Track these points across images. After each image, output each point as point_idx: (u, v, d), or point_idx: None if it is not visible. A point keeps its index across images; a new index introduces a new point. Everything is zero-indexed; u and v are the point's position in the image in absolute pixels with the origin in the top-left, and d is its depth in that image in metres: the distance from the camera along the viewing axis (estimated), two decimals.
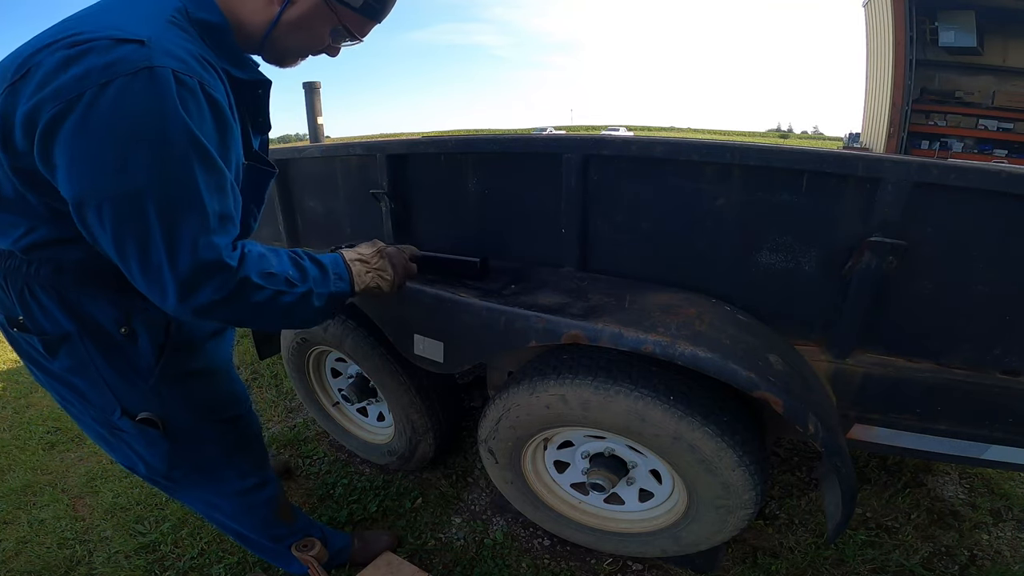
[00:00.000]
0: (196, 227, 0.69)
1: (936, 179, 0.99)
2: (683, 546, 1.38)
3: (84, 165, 0.65)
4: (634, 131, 37.07)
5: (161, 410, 1.01)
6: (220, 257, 0.72)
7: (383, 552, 1.54)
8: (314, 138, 4.04)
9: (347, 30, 0.90)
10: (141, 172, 0.65)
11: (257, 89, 0.91)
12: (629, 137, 1.34)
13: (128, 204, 0.66)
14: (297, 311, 0.85)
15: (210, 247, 0.71)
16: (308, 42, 0.90)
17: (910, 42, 7.81)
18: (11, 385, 2.82)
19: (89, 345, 0.91)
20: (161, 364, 0.97)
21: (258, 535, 1.34)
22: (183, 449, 1.08)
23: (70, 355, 0.92)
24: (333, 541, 1.49)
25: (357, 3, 0.87)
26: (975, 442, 1.18)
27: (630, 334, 1.07)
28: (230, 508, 1.25)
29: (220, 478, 1.18)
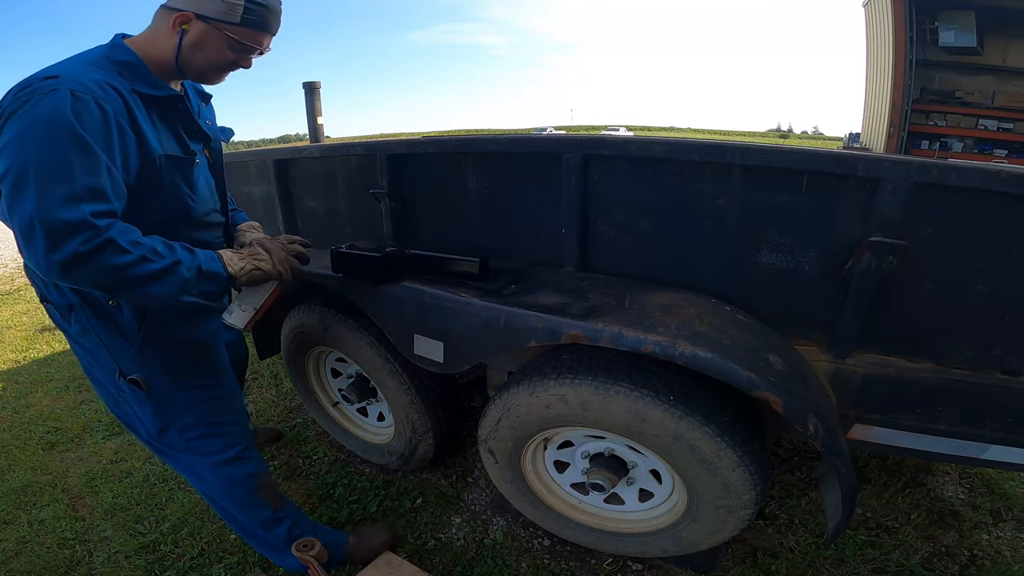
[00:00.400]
0: (65, 193, 0.85)
1: (936, 179, 0.99)
2: (683, 546, 1.38)
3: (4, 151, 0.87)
4: (634, 131, 37.07)
5: (144, 372, 1.17)
6: (85, 217, 0.86)
7: (381, 547, 1.53)
8: (314, 138, 4.04)
9: (239, 43, 1.05)
10: (30, 150, 0.86)
11: (177, 103, 1.09)
12: (629, 137, 1.34)
13: (19, 172, 0.85)
14: (168, 279, 0.95)
15: (76, 209, 0.85)
16: (214, 59, 1.06)
17: (910, 42, 7.81)
18: (11, 385, 2.82)
19: (88, 312, 1.11)
20: (143, 330, 1.14)
21: (245, 517, 1.40)
22: (166, 411, 1.23)
23: (78, 321, 1.13)
24: (325, 538, 1.49)
25: (235, 19, 1.02)
26: (975, 442, 1.18)
27: (630, 334, 1.07)
28: (214, 480, 1.34)
29: (202, 446, 1.28)
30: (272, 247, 1.17)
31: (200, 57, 1.05)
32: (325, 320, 1.68)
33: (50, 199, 0.84)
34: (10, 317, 4.12)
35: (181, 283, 0.97)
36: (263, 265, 1.13)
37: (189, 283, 0.98)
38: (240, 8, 1.01)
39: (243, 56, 1.09)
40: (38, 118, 0.87)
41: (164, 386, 1.20)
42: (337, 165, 1.87)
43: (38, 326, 3.85)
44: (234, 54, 1.07)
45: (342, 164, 1.85)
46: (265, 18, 1.05)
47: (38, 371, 2.99)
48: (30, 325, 3.89)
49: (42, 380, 2.86)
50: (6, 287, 5.20)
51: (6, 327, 3.86)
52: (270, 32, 1.09)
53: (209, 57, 1.05)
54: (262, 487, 1.38)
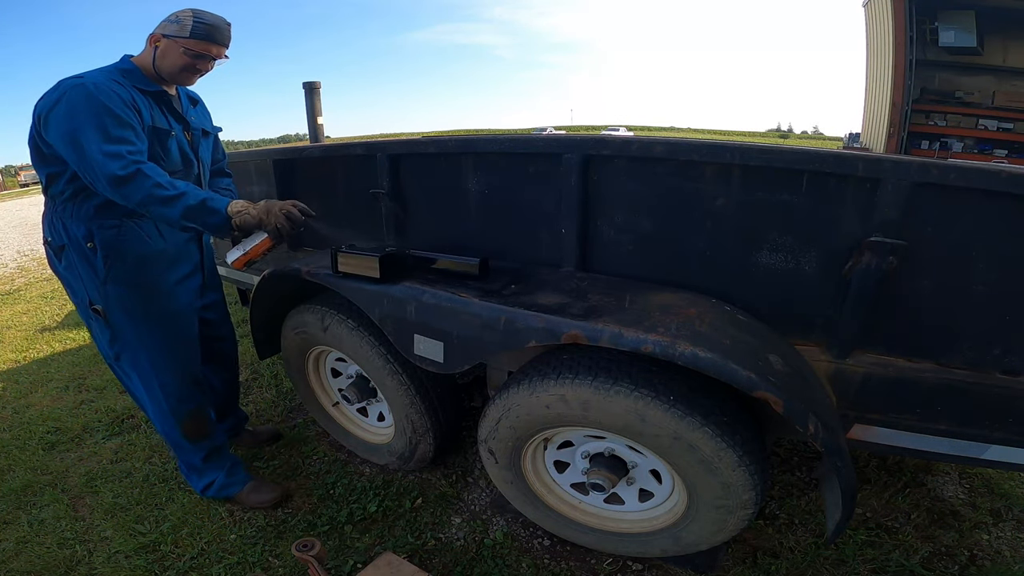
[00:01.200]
0: (104, 140, 1.29)
1: (936, 179, 0.99)
2: (683, 546, 1.38)
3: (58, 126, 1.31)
4: (634, 131, 37.06)
5: (104, 304, 1.51)
6: (120, 152, 1.29)
7: (266, 503, 1.77)
8: (314, 138, 4.04)
9: (192, 51, 1.41)
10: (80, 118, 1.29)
11: (161, 96, 1.50)
12: (629, 137, 1.34)
13: (72, 135, 1.29)
14: (176, 204, 1.33)
15: (114, 148, 1.29)
16: (177, 63, 1.43)
17: (910, 42, 7.80)
18: (11, 385, 2.82)
19: (72, 252, 1.48)
20: (107, 269, 1.47)
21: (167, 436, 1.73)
22: (120, 340, 1.57)
23: (66, 258, 1.50)
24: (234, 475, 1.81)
25: (186, 33, 1.40)
26: (975, 442, 1.18)
27: (630, 334, 1.07)
28: (149, 406, 1.68)
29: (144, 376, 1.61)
30: (269, 203, 1.47)
31: (167, 63, 1.43)
32: (325, 320, 1.68)
33: (97, 145, 1.28)
34: (10, 317, 4.12)
35: (185, 209, 1.34)
36: (252, 212, 1.43)
37: (192, 210, 1.34)
38: (189, 26, 1.39)
39: (199, 61, 1.45)
40: (77, 99, 1.29)
41: (120, 320, 1.53)
42: (337, 165, 1.87)
43: (38, 326, 3.85)
44: (191, 59, 1.43)
45: (342, 164, 1.85)
46: (210, 32, 1.42)
47: (38, 371, 2.99)
48: (30, 325, 3.89)
49: (42, 380, 2.86)
50: (6, 287, 5.20)
51: (6, 327, 3.86)
52: (216, 43, 1.44)
53: (173, 62, 1.43)
54: (186, 423, 1.68)
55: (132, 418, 2.38)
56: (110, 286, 1.49)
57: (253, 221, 1.42)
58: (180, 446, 1.73)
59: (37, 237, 8.39)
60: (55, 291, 4.82)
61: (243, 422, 2.15)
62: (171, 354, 1.62)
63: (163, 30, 1.41)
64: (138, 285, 1.52)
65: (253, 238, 1.48)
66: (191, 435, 1.71)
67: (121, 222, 1.46)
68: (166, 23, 1.41)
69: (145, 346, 1.57)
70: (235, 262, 1.48)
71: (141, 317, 1.54)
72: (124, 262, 1.48)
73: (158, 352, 1.59)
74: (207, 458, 1.76)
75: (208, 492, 1.80)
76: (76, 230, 1.45)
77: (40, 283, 5.25)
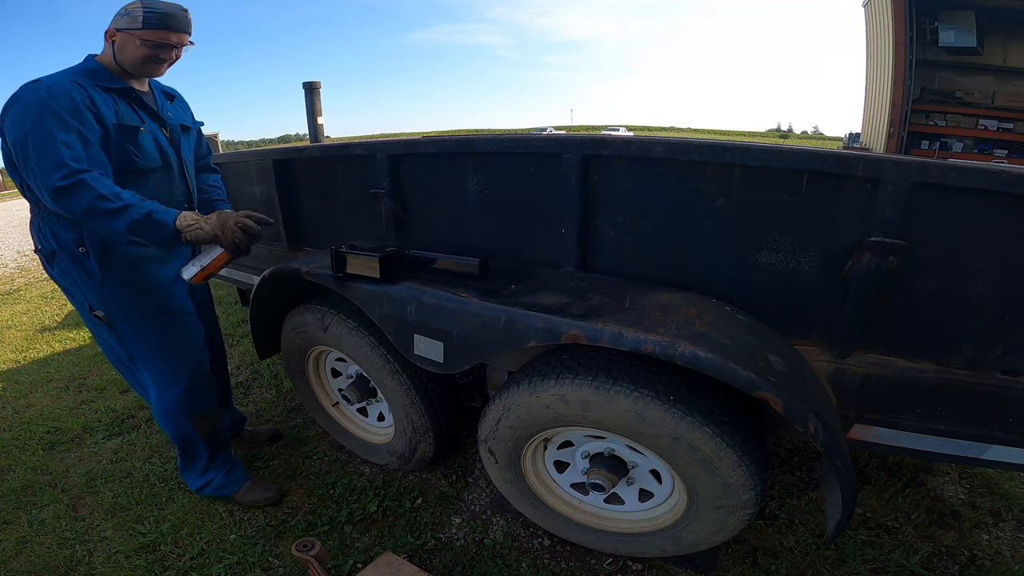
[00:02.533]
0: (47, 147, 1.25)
1: (936, 179, 0.99)
2: (683, 546, 1.38)
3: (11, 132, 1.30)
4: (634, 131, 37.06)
5: (104, 307, 1.50)
6: (64, 161, 1.24)
7: (261, 503, 1.78)
8: (314, 138, 4.04)
9: (148, 41, 1.37)
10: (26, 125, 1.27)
11: (130, 93, 1.46)
12: (629, 137, 1.34)
13: (23, 139, 1.27)
14: (120, 217, 1.28)
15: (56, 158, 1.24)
16: (139, 57, 1.39)
17: (910, 42, 7.80)
18: (11, 385, 2.82)
19: (65, 257, 1.45)
20: (102, 272, 1.45)
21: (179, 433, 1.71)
22: (127, 342, 1.57)
23: (58, 264, 1.47)
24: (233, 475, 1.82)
25: (139, 24, 1.35)
26: (975, 442, 1.18)
27: (630, 334, 1.07)
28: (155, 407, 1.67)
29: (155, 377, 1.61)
30: (223, 215, 1.42)
31: (127, 57, 1.40)
32: (325, 320, 1.68)
33: (40, 153, 1.25)
34: (10, 317, 4.12)
35: (130, 223, 1.29)
36: (205, 227, 1.39)
37: (137, 223, 1.29)
38: (140, 17, 1.35)
39: (160, 51, 1.40)
40: (29, 105, 1.28)
41: (122, 321, 1.53)
42: (337, 165, 1.87)
43: (38, 326, 3.85)
44: (150, 49, 1.38)
45: (342, 164, 1.85)
46: (164, 20, 1.37)
47: (38, 371, 2.99)
48: (30, 325, 3.89)
49: (42, 380, 2.86)
50: (6, 287, 5.20)
51: (6, 327, 3.86)
52: (173, 29, 1.39)
53: (133, 55, 1.39)
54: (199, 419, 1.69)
55: (132, 418, 2.38)
56: (107, 289, 1.47)
57: (206, 236, 1.39)
58: (190, 441, 1.73)
59: None
60: (55, 291, 4.82)
61: (241, 423, 2.15)
62: (179, 352, 1.61)
63: (116, 24, 1.37)
64: (135, 285, 1.51)
65: (209, 252, 1.45)
66: (203, 431, 1.71)
67: None
68: (118, 17, 1.37)
69: (151, 346, 1.57)
70: (193, 278, 1.46)
71: (142, 317, 1.54)
72: (118, 263, 1.47)
73: (166, 350, 1.59)
74: (212, 456, 1.77)
75: (205, 491, 1.80)
76: (66, 235, 1.42)
77: (40, 283, 5.24)
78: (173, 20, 1.38)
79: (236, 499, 1.80)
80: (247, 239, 1.42)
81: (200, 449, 1.75)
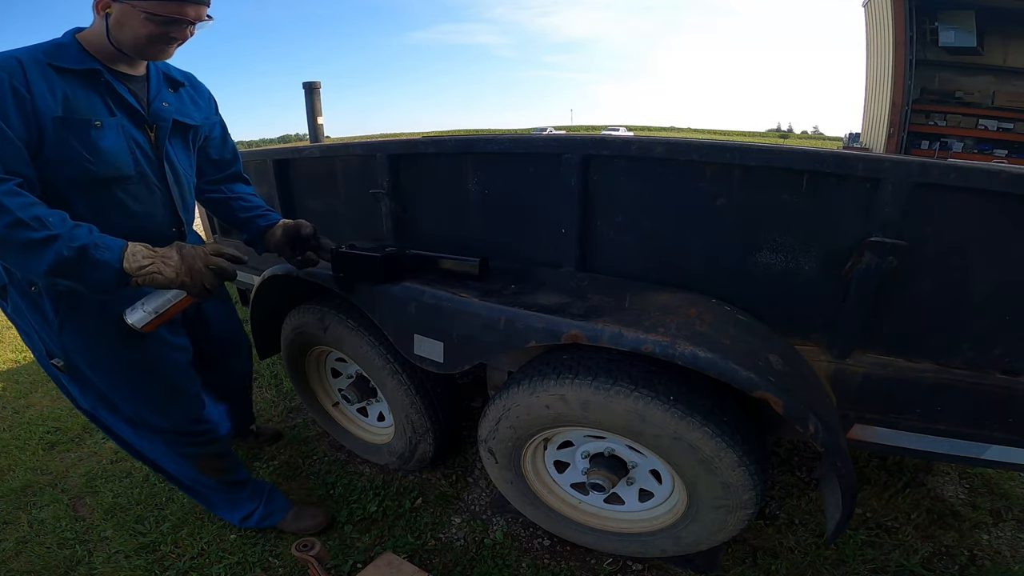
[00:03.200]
0: None
1: (936, 179, 0.99)
2: (683, 546, 1.38)
3: None
4: (634, 131, 37.06)
5: (64, 357, 1.23)
6: None
7: (312, 529, 1.65)
8: (314, 138, 4.04)
9: (156, 15, 1.05)
10: None
11: (97, 76, 1.11)
12: (629, 137, 1.34)
13: None
14: (41, 251, 0.93)
15: None
16: (142, 33, 1.07)
17: (910, 42, 7.80)
18: (11, 385, 2.82)
19: (15, 295, 1.18)
20: (59, 317, 1.17)
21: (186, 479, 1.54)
22: (92, 394, 1.32)
23: (10, 301, 1.21)
24: (273, 502, 1.65)
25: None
26: (975, 442, 1.18)
27: (630, 334, 1.07)
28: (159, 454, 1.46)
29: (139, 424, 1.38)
30: (187, 254, 1.09)
31: (127, 33, 1.08)
32: (325, 320, 1.68)
33: None
34: None
35: (55, 260, 0.93)
36: (167, 271, 1.05)
37: (66, 263, 0.94)
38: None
39: (171, 28, 1.09)
40: None
41: (86, 373, 1.26)
42: (337, 165, 1.87)
43: None
44: (159, 27, 1.07)
45: (342, 164, 1.85)
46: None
47: (38, 371, 2.98)
48: None
49: (42, 380, 2.85)
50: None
51: (6, 327, 3.86)
52: (189, 1, 1.08)
53: (134, 31, 1.07)
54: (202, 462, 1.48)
55: None
56: (68, 336, 1.19)
57: (168, 283, 1.06)
58: (200, 484, 1.54)
59: None
60: None
61: (250, 422, 2.12)
62: (158, 405, 1.36)
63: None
64: (102, 334, 1.20)
65: (163, 295, 1.13)
66: (209, 472, 1.51)
67: None
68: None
69: (123, 402, 1.31)
70: (146, 327, 1.13)
71: (112, 370, 1.26)
72: (80, 310, 1.17)
73: (142, 406, 1.33)
74: (233, 489, 1.59)
75: (248, 523, 1.62)
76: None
77: None
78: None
79: (283, 527, 1.65)
80: (219, 283, 1.12)
81: (215, 487, 1.56)
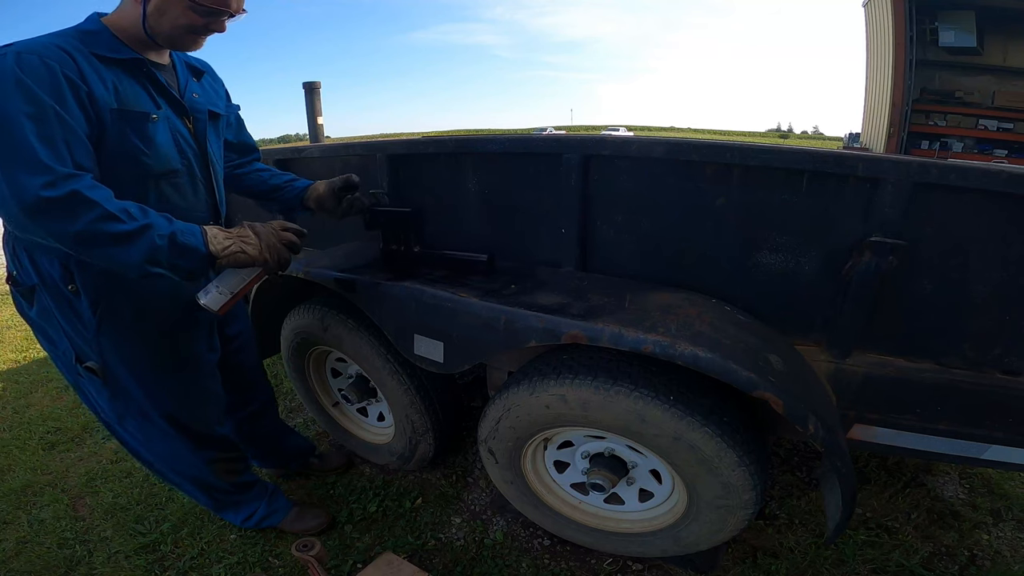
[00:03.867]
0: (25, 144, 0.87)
1: (936, 179, 0.99)
2: (683, 546, 1.38)
3: None
4: (634, 131, 37.05)
5: (100, 360, 1.19)
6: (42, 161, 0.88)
7: (313, 529, 1.65)
8: (314, 138, 4.04)
9: (200, 5, 1.03)
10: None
11: (139, 66, 1.09)
12: (629, 137, 1.34)
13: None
14: (137, 242, 0.94)
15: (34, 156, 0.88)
16: (181, 23, 1.05)
17: (910, 42, 7.80)
18: (11, 385, 2.82)
19: (47, 297, 1.13)
20: (98, 318, 1.14)
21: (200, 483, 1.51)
22: (123, 401, 1.27)
23: (39, 303, 1.15)
24: (276, 502, 1.66)
25: None
26: (975, 442, 1.18)
27: (630, 334, 1.07)
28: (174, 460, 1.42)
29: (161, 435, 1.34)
30: (263, 232, 1.11)
31: (166, 23, 1.04)
32: (325, 320, 1.68)
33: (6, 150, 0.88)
34: (10, 317, 4.12)
35: (150, 249, 0.94)
36: (249, 249, 1.07)
37: (160, 251, 0.95)
38: None
39: (212, 19, 1.07)
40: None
41: (121, 376, 1.22)
42: (337, 165, 1.87)
43: None
44: (201, 17, 1.05)
45: (342, 164, 1.85)
46: None
47: (38, 371, 2.99)
48: None
49: (42, 380, 2.86)
50: (6, 287, 5.20)
51: (6, 327, 3.86)
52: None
53: (175, 22, 1.04)
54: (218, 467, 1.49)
55: None
56: (105, 338, 1.17)
57: (250, 260, 1.09)
58: (214, 488, 1.53)
59: None
60: None
61: (308, 453, 1.94)
62: (192, 405, 1.36)
63: None
64: (142, 333, 1.21)
65: (237, 274, 1.13)
66: (223, 475, 1.52)
67: None
68: None
69: (159, 403, 1.29)
70: (221, 308, 1.13)
71: (150, 368, 1.24)
72: (122, 305, 1.16)
73: (177, 407, 1.32)
74: (240, 491, 1.60)
75: (249, 523, 1.64)
76: (50, 268, 1.10)
77: None
78: None
79: (284, 527, 1.66)
80: (291, 256, 1.17)
81: (225, 489, 1.56)
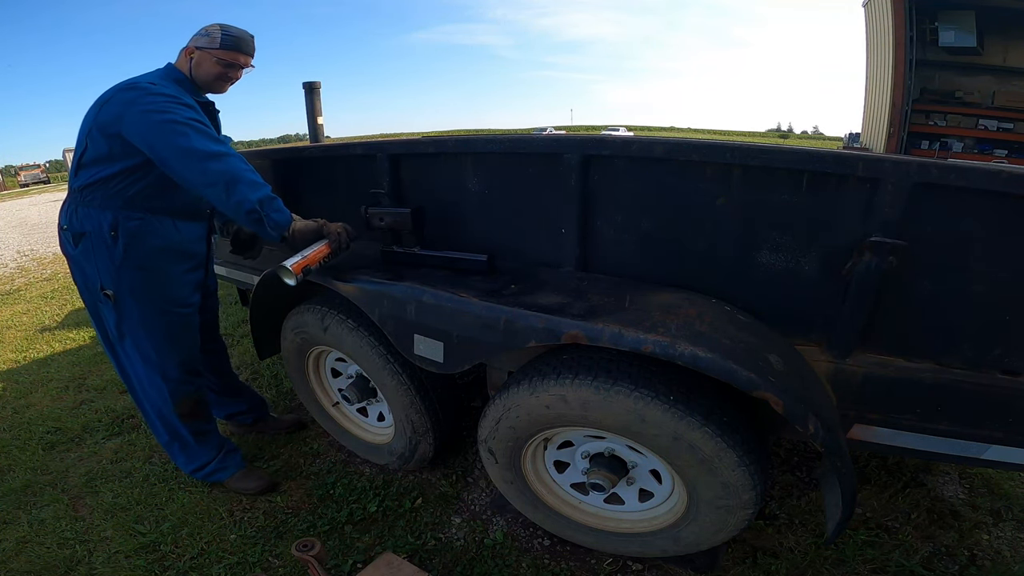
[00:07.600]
0: (201, 134, 1.43)
1: (936, 179, 1.00)
2: (683, 546, 1.38)
3: (142, 123, 1.41)
4: (634, 131, 37.03)
5: (116, 287, 1.59)
6: (214, 145, 1.44)
7: (253, 491, 1.83)
8: (314, 138, 4.03)
9: (222, 60, 1.56)
10: (170, 115, 1.42)
11: (210, 107, 1.67)
12: (629, 137, 1.34)
13: (164, 130, 1.41)
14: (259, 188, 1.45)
15: (206, 140, 1.43)
16: (211, 72, 1.57)
17: (910, 42, 7.80)
18: (11, 385, 2.82)
19: (93, 240, 1.56)
20: (125, 256, 1.56)
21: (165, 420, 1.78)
22: (127, 323, 1.65)
23: (83, 245, 1.58)
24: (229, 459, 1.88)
25: (217, 44, 1.54)
26: (975, 442, 1.18)
27: (630, 334, 1.07)
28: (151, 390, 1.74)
29: (150, 359, 1.69)
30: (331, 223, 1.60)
31: (203, 72, 1.57)
32: (325, 320, 1.68)
33: (197, 138, 1.41)
34: (10, 317, 4.12)
35: (264, 196, 1.44)
36: (310, 222, 1.55)
37: (266, 202, 1.45)
38: (219, 38, 1.54)
39: (231, 70, 1.59)
40: (157, 99, 1.41)
41: (128, 302, 1.61)
42: (337, 165, 1.87)
43: (38, 326, 3.85)
44: (223, 68, 1.57)
45: (342, 164, 1.85)
46: (237, 43, 1.56)
47: (38, 371, 2.99)
48: (30, 325, 3.89)
49: (42, 380, 2.86)
50: (6, 287, 5.20)
51: (6, 327, 3.86)
52: (243, 52, 1.58)
53: (208, 71, 1.57)
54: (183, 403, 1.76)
55: (132, 418, 2.38)
56: (124, 270, 1.57)
57: (315, 227, 1.55)
58: (170, 423, 1.79)
59: (37, 237, 8.39)
60: (55, 291, 4.82)
61: (261, 407, 2.23)
62: (173, 338, 1.70)
63: (196, 43, 1.55)
64: (150, 270, 1.61)
65: (310, 247, 1.52)
66: (184, 414, 1.77)
67: (144, 215, 1.56)
68: (198, 36, 1.56)
69: (149, 328, 1.65)
70: (294, 265, 1.47)
71: (148, 300, 1.62)
72: (141, 250, 1.58)
73: (162, 335, 1.67)
74: (197, 438, 1.82)
75: (198, 474, 1.86)
76: (103, 219, 1.53)
77: (40, 283, 5.24)
78: (244, 44, 1.58)
79: (228, 485, 1.86)
80: (347, 235, 1.58)
81: (182, 428, 1.79)
